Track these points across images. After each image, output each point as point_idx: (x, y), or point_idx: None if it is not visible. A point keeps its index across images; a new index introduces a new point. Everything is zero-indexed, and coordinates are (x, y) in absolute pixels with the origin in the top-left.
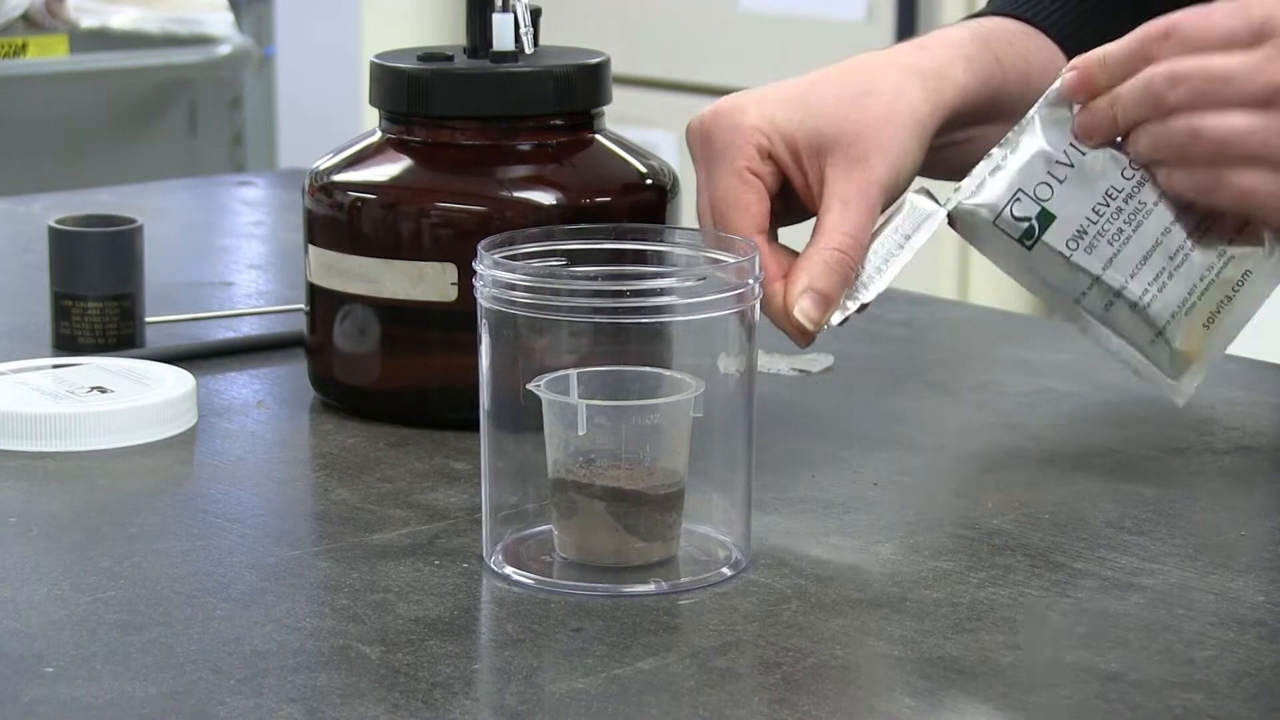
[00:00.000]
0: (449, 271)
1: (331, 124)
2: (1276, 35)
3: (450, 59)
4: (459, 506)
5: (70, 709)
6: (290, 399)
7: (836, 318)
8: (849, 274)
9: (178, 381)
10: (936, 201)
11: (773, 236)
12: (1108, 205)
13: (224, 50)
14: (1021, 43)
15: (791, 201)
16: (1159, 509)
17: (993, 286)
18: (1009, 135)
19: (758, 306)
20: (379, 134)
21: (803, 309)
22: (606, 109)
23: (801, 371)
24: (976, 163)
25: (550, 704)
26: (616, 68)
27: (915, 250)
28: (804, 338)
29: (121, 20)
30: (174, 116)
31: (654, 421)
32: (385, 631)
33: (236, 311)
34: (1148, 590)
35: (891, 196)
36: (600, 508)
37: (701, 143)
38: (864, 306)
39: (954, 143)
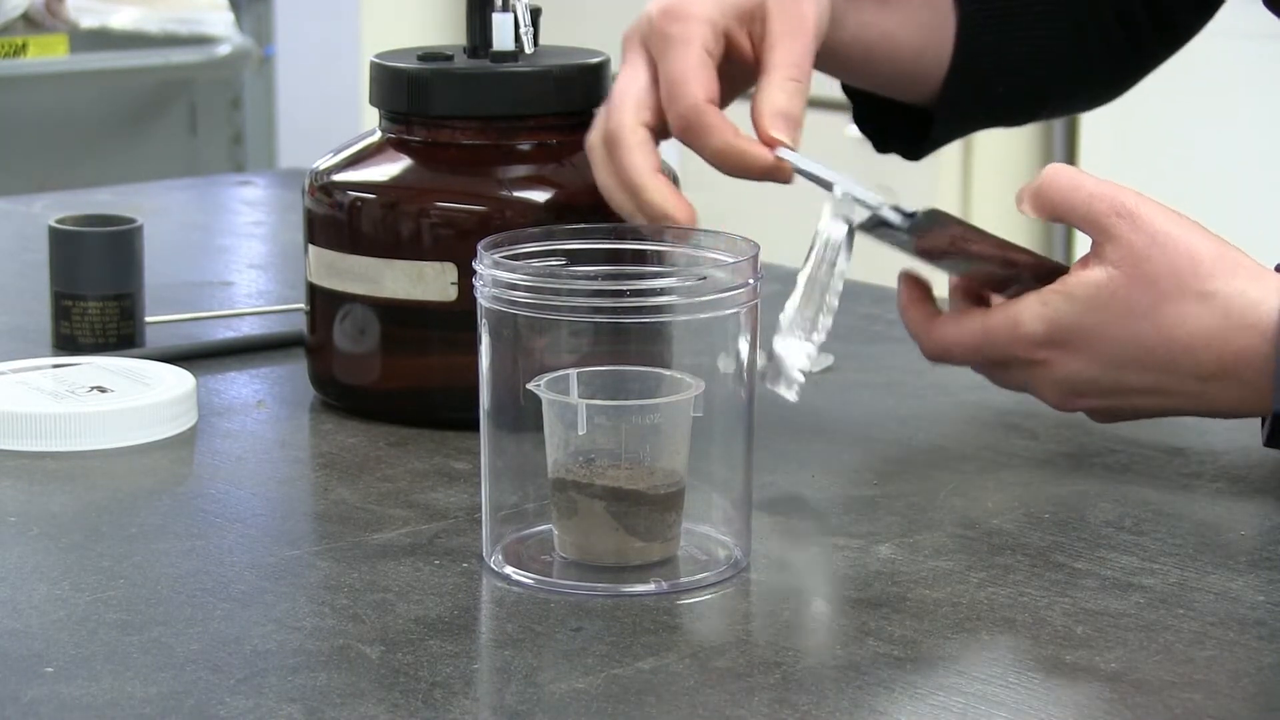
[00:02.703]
0: (449, 271)
1: (331, 124)
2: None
3: (450, 59)
4: (459, 506)
5: (70, 709)
6: (290, 399)
7: (803, 364)
8: (804, 98)
9: (178, 381)
10: (847, 222)
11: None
12: None
13: (224, 50)
14: None
15: (734, 73)
16: (1159, 509)
17: None
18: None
19: (759, 306)
20: (379, 134)
21: (779, 130)
22: None
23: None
24: (834, 46)
25: (550, 704)
26: (616, 68)
27: (844, 274)
28: (781, 172)
29: (121, 20)
30: (174, 116)
31: (654, 421)
32: (385, 631)
33: (236, 311)
34: (1148, 590)
35: (820, 37)
36: (600, 507)
37: (651, 35)
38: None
39: (845, 39)
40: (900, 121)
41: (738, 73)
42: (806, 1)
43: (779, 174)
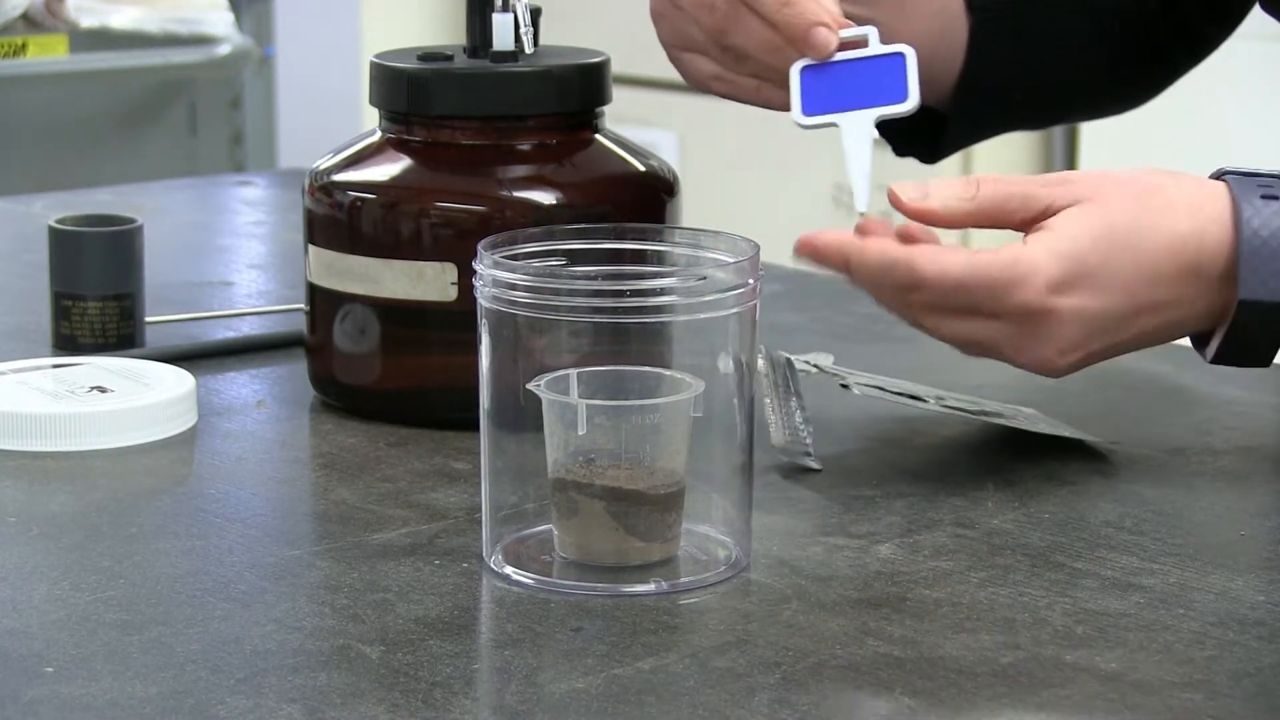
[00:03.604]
0: (449, 271)
1: (331, 124)
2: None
3: (450, 59)
4: (459, 506)
5: (70, 709)
6: (290, 399)
7: (803, 433)
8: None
9: (178, 381)
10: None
11: None
12: None
13: (224, 50)
14: None
15: None
16: (1159, 509)
17: None
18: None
19: (758, 306)
20: (379, 134)
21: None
22: (606, 109)
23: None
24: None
25: (550, 704)
26: (616, 68)
27: (801, 394)
28: (821, 43)
29: (121, 20)
30: (174, 116)
31: (654, 421)
32: (385, 631)
33: (236, 311)
34: (1148, 590)
35: None
36: (600, 507)
37: None
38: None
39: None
40: (918, 125)
41: None
42: None
43: (823, 38)
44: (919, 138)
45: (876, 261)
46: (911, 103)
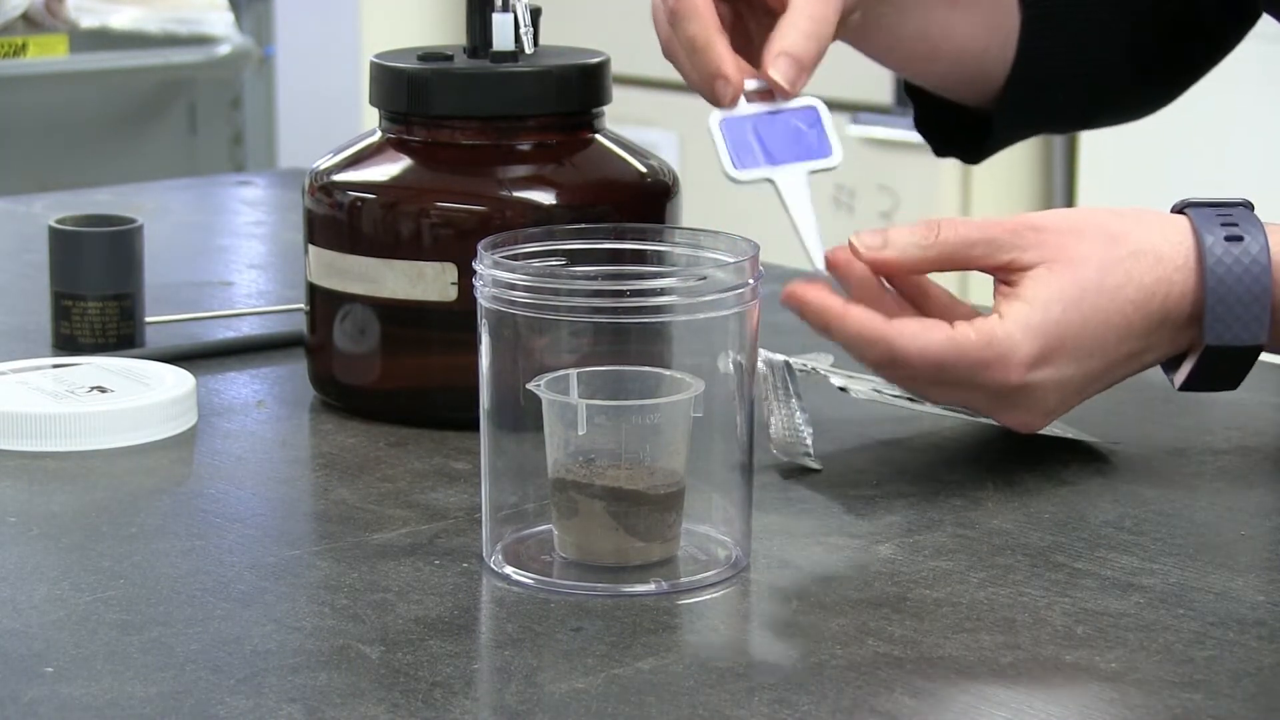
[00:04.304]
0: (449, 271)
1: (331, 124)
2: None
3: (450, 59)
4: (459, 506)
5: (70, 709)
6: (290, 399)
7: (804, 433)
8: (818, 45)
9: (178, 381)
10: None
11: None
12: None
13: (224, 50)
14: None
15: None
16: (1159, 509)
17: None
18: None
19: (758, 306)
20: (379, 134)
21: (779, 69)
22: (606, 109)
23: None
24: (898, 40)
25: (550, 704)
26: (616, 68)
27: (800, 394)
28: (724, 93)
29: (121, 20)
30: (174, 116)
31: (654, 421)
32: (385, 631)
33: (236, 311)
34: (1148, 590)
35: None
36: (600, 507)
37: None
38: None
39: (909, 34)
40: (959, 124)
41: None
42: None
43: (721, 90)
44: (960, 138)
45: (856, 333)
46: (836, 158)
